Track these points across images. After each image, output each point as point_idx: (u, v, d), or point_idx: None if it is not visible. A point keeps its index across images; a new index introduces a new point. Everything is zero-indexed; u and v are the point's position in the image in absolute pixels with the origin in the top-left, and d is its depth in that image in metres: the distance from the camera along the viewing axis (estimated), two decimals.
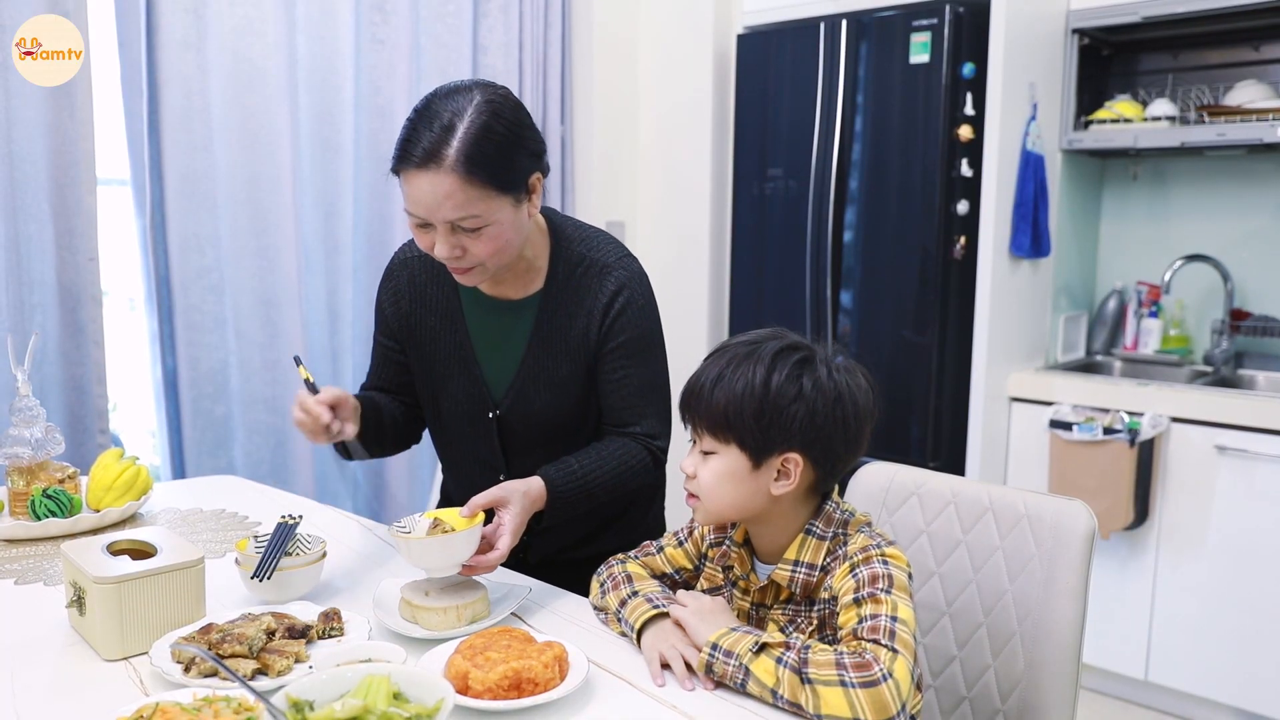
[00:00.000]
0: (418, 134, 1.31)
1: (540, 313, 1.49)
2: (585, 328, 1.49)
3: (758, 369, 1.13)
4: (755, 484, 1.15)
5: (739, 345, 1.18)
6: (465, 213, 1.32)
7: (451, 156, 1.29)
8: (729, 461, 1.15)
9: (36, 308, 2.16)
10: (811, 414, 1.12)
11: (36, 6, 2.07)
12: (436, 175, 1.29)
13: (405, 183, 1.34)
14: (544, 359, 1.50)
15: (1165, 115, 2.87)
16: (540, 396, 1.51)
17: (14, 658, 1.17)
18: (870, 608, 1.07)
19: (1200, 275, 3.02)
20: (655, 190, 3.50)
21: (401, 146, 1.34)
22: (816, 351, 1.16)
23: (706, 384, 1.16)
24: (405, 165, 1.33)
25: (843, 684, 0.99)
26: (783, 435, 1.13)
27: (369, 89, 2.73)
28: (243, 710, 0.96)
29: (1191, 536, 2.61)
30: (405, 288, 1.56)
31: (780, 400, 1.12)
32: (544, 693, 1.04)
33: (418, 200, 1.33)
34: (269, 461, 2.57)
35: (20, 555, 1.52)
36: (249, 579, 1.31)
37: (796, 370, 1.13)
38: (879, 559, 1.12)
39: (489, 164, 1.31)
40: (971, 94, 2.72)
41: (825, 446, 1.14)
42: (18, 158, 2.10)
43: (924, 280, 2.78)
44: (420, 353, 1.56)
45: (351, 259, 2.73)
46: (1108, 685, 2.82)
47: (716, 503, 1.18)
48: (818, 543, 1.17)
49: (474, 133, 1.30)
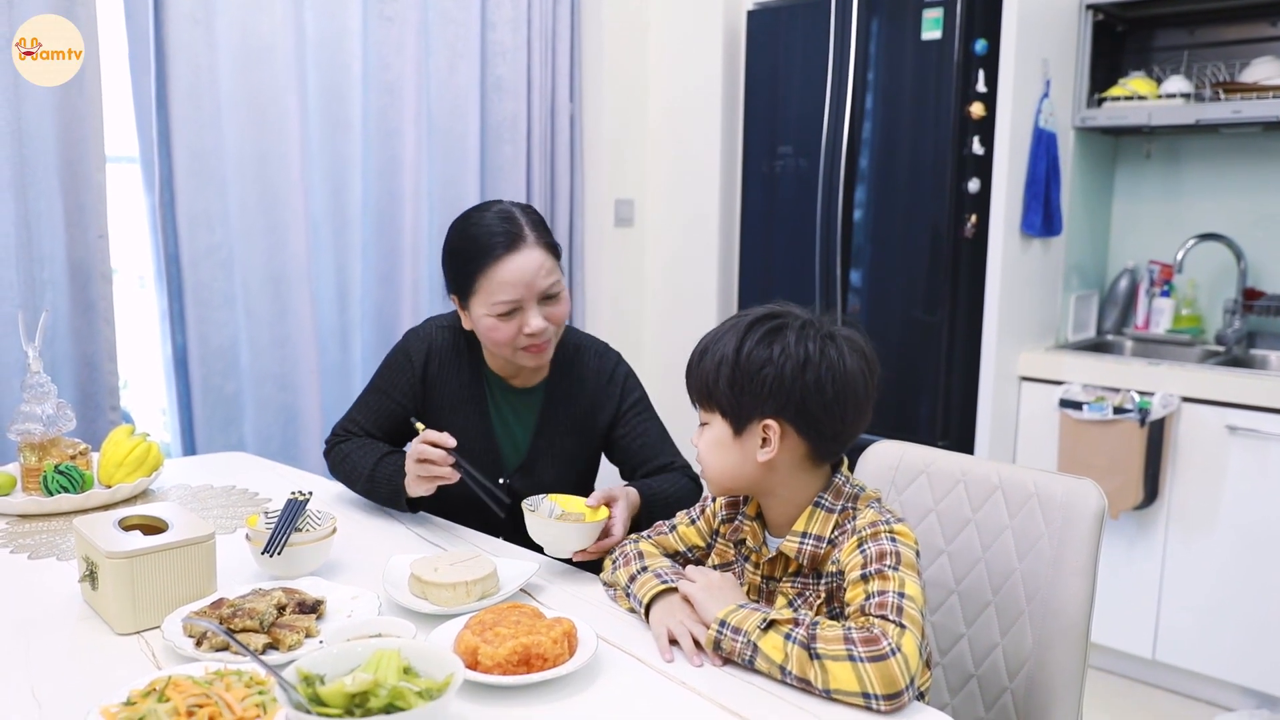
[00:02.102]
0: (488, 234, 1.53)
1: (547, 395, 1.69)
2: (592, 402, 1.69)
3: (732, 338, 1.17)
4: (741, 452, 1.18)
5: (732, 317, 1.22)
6: (554, 278, 1.56)
7: (530, 234, 1.54)
8: (716, 430, 1.20)
9: (47, 285, 2.16)
10: (780, 378, 1.13)
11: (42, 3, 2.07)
12: (526, 252, 1.52)
13: (492, 275, 1.52)
14: (552, 437, 1.69)
15: (1180, 92, 2.84)
16: (549, 471, 1.68)
17: (29, 631, 1.18)
18: (878, 584, 1.07)
19: (1213, 254, 3.00)
20: (664, 168, 3.48)
21: (478, 249, 1.53)
22: (792, 320, 1.17)
23: (695, 357, 1.21)
24: (489, 257, 1.52)
25: (851, 659, 1.00)
26: (754, 401, 1.15)
27: (377, 65, 2.72)
28: (254, 684, 0.97)
29: (1201, 517, 2.60)
30: (433, 355, 1.69)
31: (749, 366, 1.15)
32: (553, 668, 1.05)
33: (515, 280, 1.52)
34: (279, 438, 2.58)
35: (33, 530, 1.53)
36: (259, 554, 1.32)
37: (768, 338, 1.15)
38: (887, 535, 1.12)
39: (552, 239, 1.59)
40: (984, 71, 2.70)
41: (799, 411, 1.14)
42: (27, 135, 2.10)
43: (934, 259, 2.77)
44: (438, 417, 1.67)
45: (360, 235, 2.73)
46: (1115, 664, 2.83)
47: (713, 470, 1.22)
48: (826, 515, 1.18)
49: (535, 218, 1.58)
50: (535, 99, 3.06)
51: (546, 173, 3.14)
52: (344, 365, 2.75)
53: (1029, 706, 1.37)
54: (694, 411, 1.26)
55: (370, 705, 0.86)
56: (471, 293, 1.56)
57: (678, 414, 1.85)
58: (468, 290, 1.56)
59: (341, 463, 1.69)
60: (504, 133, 3.02)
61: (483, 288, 1.53)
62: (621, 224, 3.46)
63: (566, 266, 3.23)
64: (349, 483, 1.68)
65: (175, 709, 0.91)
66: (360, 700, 0.86)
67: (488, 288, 1.53)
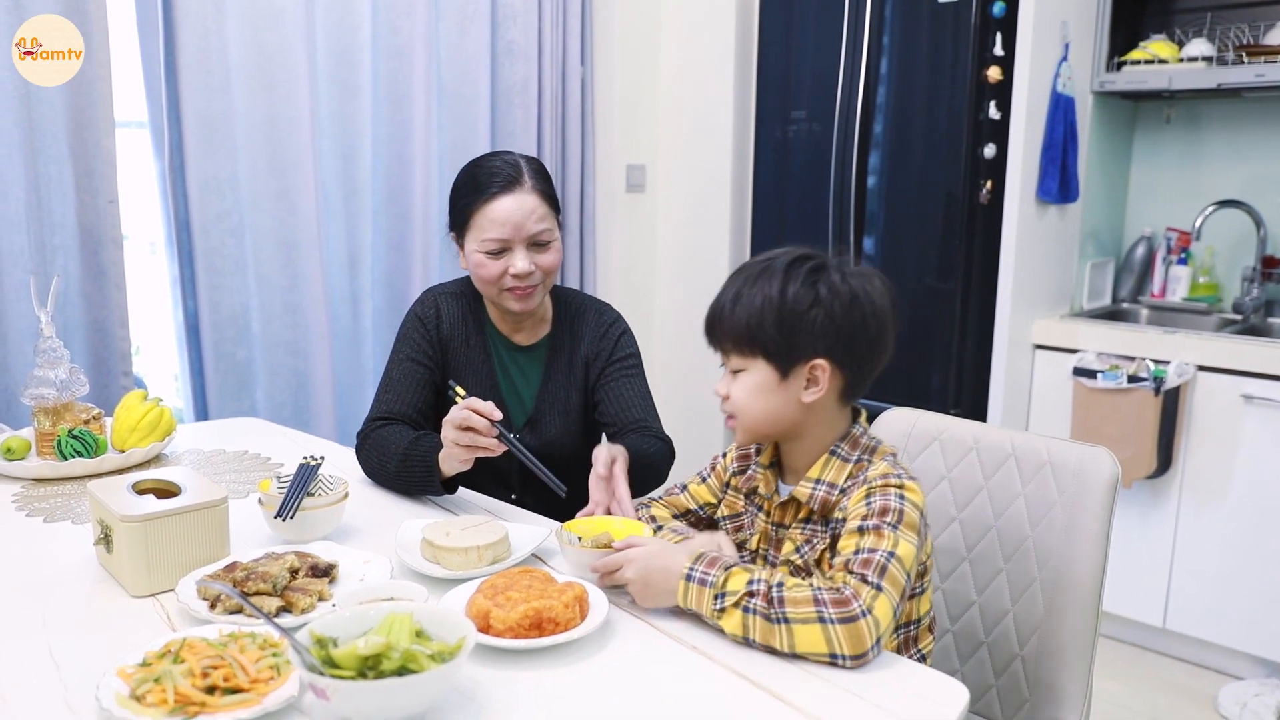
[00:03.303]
0: (488, 173, 1.61)
1: (550, 351, 1.75)
2: (589, 353, 1.75)
3: (773, 281, 1.15)
4: (786, 394, 1.17)
5: (754, 263, 1.20)
6: (545, 225, 1.62)
7: (529, 181, 1.62)
8: (757, 375, 1.18)
9: (58, 250, 2.16)
10: (830, 317, 1.14)
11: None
12: (520, 194, 1.60)
13: (485, 212, 1.60)
14: (556, 391, 1.74)
15: (1202, 55, 2.79)
16: (554, 424, 1.72)
17: (45, 593, 1.19)
18: (871, 539, 1.08)
19: (1233, 221, 2.96)
20: (676, 133, 3.45)
21: (475, 186, 1.61)
22: (828, 259, 1.18)
23: (726, 304, 1.19)
24: (484, 194, 1.60)
25: (821, 620, 1.01)
26: (806, 342, 1.15)
27: (386, 29, 2.69)
28: (268, 646, 0.98)
29: (1215, 486, 2.59)
30: (443, 317, 1.72)
31: (798, 307, 1.14)
32: (564, 632, 1.05)
33: (504, 219, 1.59)
34: (290, 404, 2.59)
35: (48, 494, 1.54)
36: (272, 519, 1.33)
37: (811, 278, 1.15)
38: (896, 491, 1.13)
39: (552, 190, 1.66)
40: (1001, 34, 2.65)
41: (848, 348, 1.16)
42: (36, 100, 2.09)
43: (949, 225, 2.74)
44: (453, 374, 1.71)
45: (371, 201, 2.72)
46: (1125, 632, 2.83)
47: (751, 417, 1.20)
48: (840, 464, 1.19)
49: (536, 167, 1.65)
50: (546, 63, 3.03)
51: (557, 138, 3.12)
52: (355, 331, 2.75)
53: (1039, 674, 1.37)
54: (699, 377, 1.25)
55: (383, 668, 0.86)
56: (466, 228, 1.64)
57: (690, 377, 1.85)
58: (464, 225, 1.64)
59: (373, 449, 1.60)
60: (515, 97, 2.99)
61: (476, 224, 1.61)
62: (633, 189, 3.44)
63: (577, 232, 3.22)
64: (378, 467, 1.59)
65: (190, 670, 0.92)
66: (373, 663, 0.86)
67: (480, 224, 1.61)
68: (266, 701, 0.90)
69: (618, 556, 1.16)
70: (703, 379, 3.25)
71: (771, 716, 0.94)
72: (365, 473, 1.63)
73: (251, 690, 0.91)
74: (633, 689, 1.00)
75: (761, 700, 0.97)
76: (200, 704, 0.89)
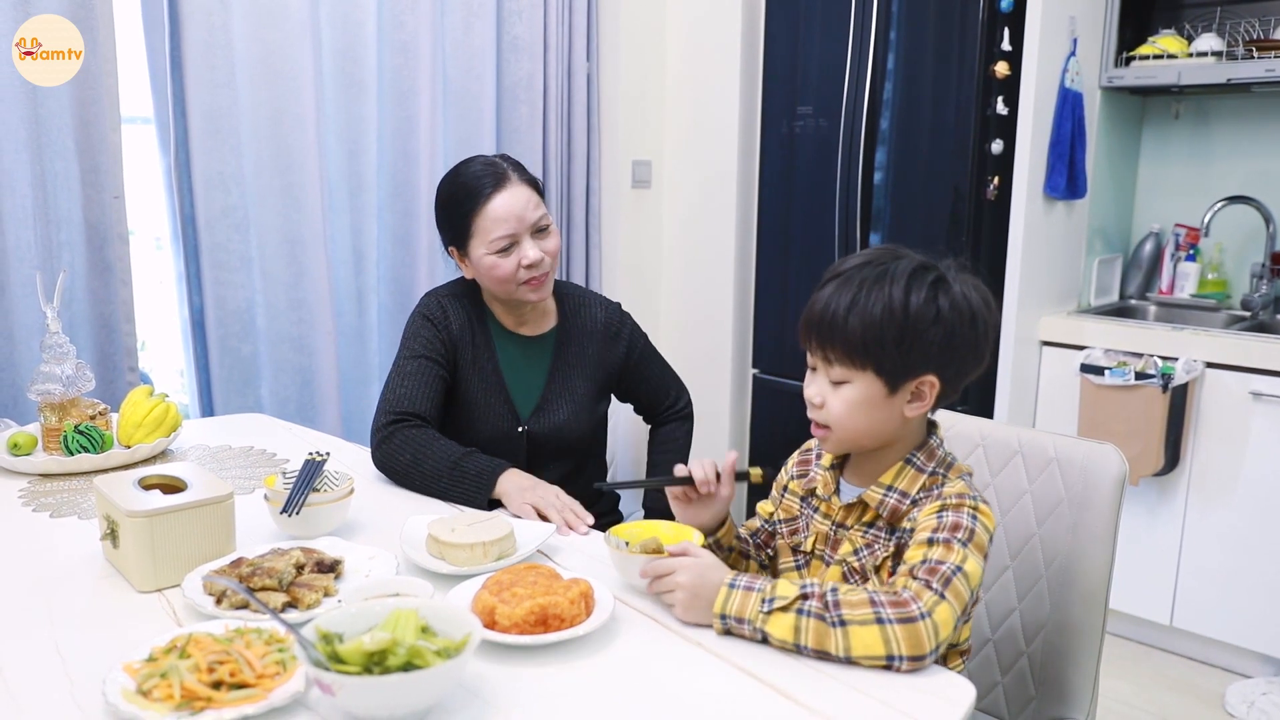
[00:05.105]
0: (475, 178, 1.67)
1: (558, 343, 1.80)
2: (601, 350, 1.83)
3: (894, 291, 1.09)
4: (890, 409, 1.14)
5: (865, 269, 1.12)
6: (542, 211, 1.69)
7: (514, 174, 1.68)
8: (864, 389, 1.13)
9: (64, 246, 2.17)
10: (949, 335, 1.10)
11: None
12: (512, 188, 1.66)
13: (486, 214, 1.65)
14: (564, 379, 1.79)
15: (1211, 50, 2.77)
16: (562, 411, 1.77)
17: (51, 589, 1.19)
18: (940, 551, 1.06)
19: (1242, 217, 2.95)
20: (682, 129, 3.44)
21: (467, 193, 1.66)
22: (946, 268, 1.13)
23: (840, 310, 1.11)
24: (480, 197, 1.65)
25: (879, 621, 0.99)
26: (921, 358, 1.11)
27: (391, 24, 2.69)
28: (274, 641, 0.98)
29: (1223, 483, 2.58)
30: (451, 318, 1.75)
31: (919, 323, 1.09)
32: (570, 628, 1.05)
33: (506, 215, 1.64)
34: (296, 400, 2.59)
35: (54, 489, 1.55)
36: (278, 514, 1.33)
37: (932, 291, 1.10)
38: (970, 511, 1.10)
39: (534, 178, 1.73)
40: (1009, 29, 2.64)
41: (959, 366, 1.13)
42: (42, 96, 2.09)
43: (955, 221, 2.73)
44: (459, 374, 1.75)
45: (376, 197, 2.71)
46: (1132, 630, 2.82)
47: (850, 431, 1.15)
48: (915, 473, 1.17)
49: (513, 161, 1.71)
50: (552, 59, 3.02)
51: (563, 134, 3.11)
52: (360, 328, 2.75)
53: (1046, 671, 1.37)
54: (704, 374, 1.23)
55: (388, 663, 0.86)
56: (469, 235, 1.67)
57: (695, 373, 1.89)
58: (465, 234, 1.67)
59: (404, 448, 1.57)
60: (520, 93, 2.98)
61: (479, 227, 1.65)
62: (639, 185, 3.43)
63: (583, 228, 3.21)
64: (410, 466, 1.56)
65: (196, 665, 0.92)
66: (379, 658, 0.86)
67: (484, 226, 1.65)
68: (272, 697, 0.90)
69: (672, 561, 1.12)
70: (708, 375, 3.26)
71: (778, 713, 0.94)
72: (384, 468, 1.61)
73: (257, 686, 0.91)
74: (639, 685, 1.00)
75: (768, 697, 0.96)
76: (206, 699, 0.89)
